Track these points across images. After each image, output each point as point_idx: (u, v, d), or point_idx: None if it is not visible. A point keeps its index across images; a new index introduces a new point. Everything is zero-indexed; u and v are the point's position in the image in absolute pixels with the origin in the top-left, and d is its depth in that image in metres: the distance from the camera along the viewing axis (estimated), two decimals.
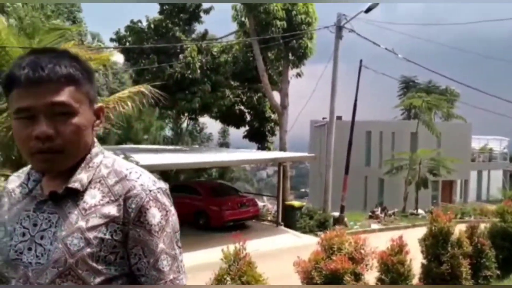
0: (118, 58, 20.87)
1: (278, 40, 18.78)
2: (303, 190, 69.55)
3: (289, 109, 20.69)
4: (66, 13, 23.69)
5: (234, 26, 19.94)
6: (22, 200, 1.46)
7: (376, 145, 37.38)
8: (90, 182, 1.42)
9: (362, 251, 7.46)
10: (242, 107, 23.82)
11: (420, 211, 24.54)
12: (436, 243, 9.86)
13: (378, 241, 9.02)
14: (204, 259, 11.50)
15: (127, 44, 18.42)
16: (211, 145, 41.68)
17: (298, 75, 20.39)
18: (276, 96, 20.30)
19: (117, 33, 18.46)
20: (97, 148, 1.50)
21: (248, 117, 23.79)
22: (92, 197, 1.40)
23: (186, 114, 23.53)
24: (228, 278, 6.67)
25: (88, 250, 1.34)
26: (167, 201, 1.49)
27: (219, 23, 22.73)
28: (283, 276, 8.78)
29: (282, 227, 18.31)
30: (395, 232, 19.60)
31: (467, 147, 38.23)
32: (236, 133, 27.40)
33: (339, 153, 20.45)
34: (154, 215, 1.42)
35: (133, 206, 1.39)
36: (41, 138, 1.30)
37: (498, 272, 11.55)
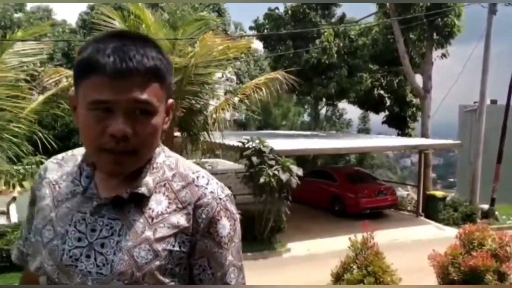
0: (258, 45, 21.48)
1: (421, 19, 17.59)
2: (451, 180, 65.02)
3: (433, 93, 19.39)
4: (212, 5, 25.00)
5: (373, 8, 19.22)
6: (72, 198, 1.32)
7: None
8: (155, 186, 1.31)
9: (508, 249, 6.68)
10: (382, 91, 22.90)
11: None
12: None
13: None
14: (339, 246, 11.32)
15: (265, 31, 18.85)
16: (350, 131, 41.13)
17: (444, 56, 18.89)
18: (419, 79, 19.11)
19: (255, 21, 18.97)
20: (159, 146, 1.36)
21: (388, 102, 22.79)
22: (158, 203, 1.29)
23: (324, 100, 23.36)
24: (354, 267, 6.49)
25: (157, 263, 1.24)
26: (234, 209, 1.37)
27: (358, 5, 22.01)
28: (416, 269, 8.30)
29: (423, 218, 17.31)
30: None
31: None
32: (377, 119, 26.53)
33: (492, 141, 18.58)
34: (225, 226, 1.32)
35: (204, 216, 1.29)
36: (117, 137, 1.18)
37: None
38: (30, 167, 10.47)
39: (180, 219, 1.28)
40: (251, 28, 19.74)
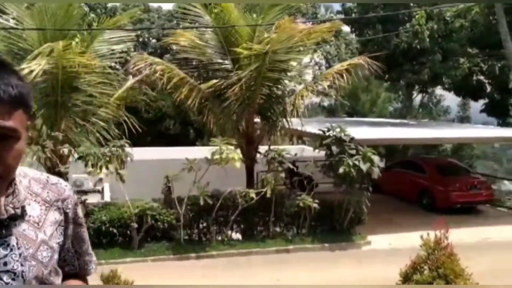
0: (346, 29, 20.74)
1: None
2: None
3: None
4: None
5: None
6: None
7: None
8: (25, 197, 1.43)
9: None
10: (481, 77, 21.13)
11: None
12: None
13: None
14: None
15: (353, 15, 18.09)
16: (448, 119, 38.77)
17: None
18: None
19: (343, 4, 18.30)
20: None
21: (488, 88, 21.00)
22: (33, 209, 1.44)
23: (417, 87, 22.11)
24: (425, 267, 6.02)
25: (55, 257, 1.46)
26: None
27: None
28: (504, 272, 7.52)
29: None
30: None
31: None
32: (478, 107, 24.66)
33: None
34: (80, 209, 1.59)
35: (70, 206, 1.53)
36: None
37: None
38: (115, 149, 11.01)
39: (56, 215, 1.49)
40: (338, 12, 19.11)
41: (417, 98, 39.15)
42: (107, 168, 10.89)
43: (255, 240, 12.17)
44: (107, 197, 15.17)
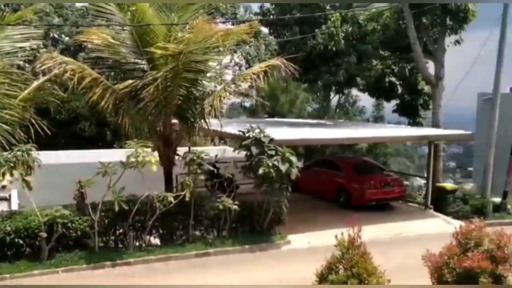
0: (266, 31, 20.89)
1: (434, 4, 16.86)
2: (471, 169, 63.83)
3: (452, 81, 18.74)
4: None
5: None
6: None
7: None
8: None
9: (506, 250, 6.21)
10: (393, 79, 22.18)
11: None
12: None
13: None
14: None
15: (271, 17, 18.27)
16: (364, 119, 40.40)
17: (457, 42, 18.13)
18: (432, 66, 18.43)
19: (261, 6, 18.42)
20: None
21: (399, 90, 22.09)
22: None
23: (334, 88, 22.75)
24: (340, 267, 6.10)
25: None
26: None
27: None
28: (412, 267, 7.81)
29: (431, 211, 16.76)
30: None
31: None
32: (391, 107, 25.82)
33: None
34: None
35: None
36: None
37: None
38: (20, 154, 10.26)
39: None
40: (256, 13, 19.19)
41: (335, 98, 40.55)
42: (11, 174, 10.13)
43: (175, 245, 11.88)
44: (15, 205, 14.15)
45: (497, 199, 17.16)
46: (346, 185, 16.77)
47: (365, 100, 36.80)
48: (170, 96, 11.93)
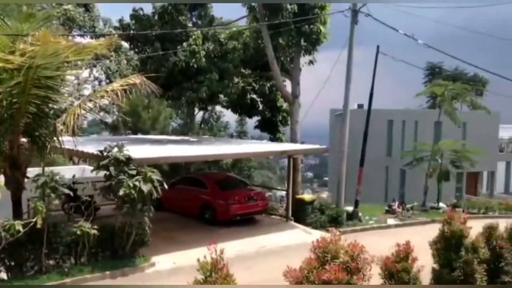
0: (125, 45, 20.21)
1: (290, 25, 17.82)
2: (326, 179, 68.57)
3: (307, 98, 19.85)
4: None
5: (244, 11, 19.09)
6: None
7: (398, 134, 36.15)
8: None
9: (359, 261, 6.61)
10: (254, 96, 22.96)
11: (441, 204, 23.40)
12: (448, 247, 8.94)
13: (393, 239, 8.25)
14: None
15: (131, 32, 17.72)
16: (228, 134, 41.18)
17: (311, 62, 19.39)
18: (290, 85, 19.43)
19: (120, 20, 17.74)
20: None
21: (260, 106, 22.92)
22: None
23: (197, 104, 22.76)
24: None
25: None
26: None
27: (229, 8, 21.76)
28: (274, 281, 7.99)
29: (292, 222, 17.52)
30: (412, 228, 18.71)
31: (495, 137, 36.62)
32: (253, 122, 26.62)
33: (360, 144, 19.33)
34: None
35: None
36: None
37: None
38: None
39: None
40: (115, 28, 18.46)
41: (200, 114, 40.77)
42: None
43: (24, 277, 10.73)
44: None
45: (351, 208, 18.55)
46: (211, 201, 16.79)
47: (229, 116, 37.59)
48: (17, 114, 10.83)
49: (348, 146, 19.15)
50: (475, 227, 9.78)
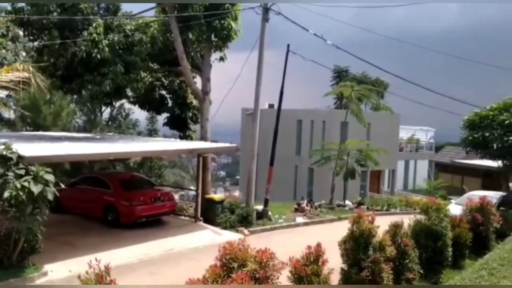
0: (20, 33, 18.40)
1: (200, 19, 17.20)
2: (238, 177, 68.83)
3: (219, 96, 19.38)
4: None
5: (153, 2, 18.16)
6: None
7: (307, 134, 36.87)
8: None
9: (268, 269, 6.21)
10: (164, 92, 22.02)
11: (347, 202, 24.07)
12: (357, 247, 8.88)
13: (302, 237, 8.01)
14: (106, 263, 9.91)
15: (26, 16, 16.04)
16: (137, 132, 39.68)
17: (221, 59, 18.90)
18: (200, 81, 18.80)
19: (13, 4, 16.03)
20: None
21: (170, 103, 22.02)
22: None
23: (102, 99, 21.36)
24: None
25: None
26: None
27: None
28: None
29: (201, 223, 16.95)
30: (320, 226, 18.95)
31: (395, 137, 38.61)
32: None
33: (271, 143, 19.14)
34: None
35: None
36: None
37: (422, 271, 10.90)
38: None
39: None
40: (8, 12, 16.69)
41: (108, 111, 38.79)
42: None
43: None
44: None
45: (261, 207, 18.35)
46: (114, 202, 15.74)
47: (140, 113, 36.12)
48: None
49: (259, 145, 18.96)
50: (379, 224, 9.87)
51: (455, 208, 17.74)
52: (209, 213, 17.14)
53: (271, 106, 36.53)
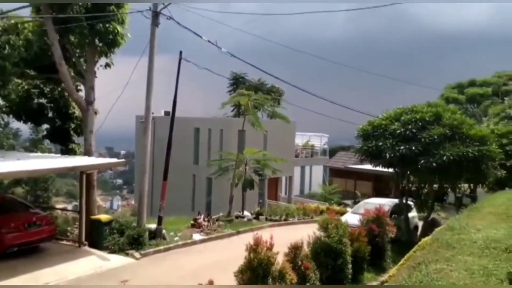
0: None
1: (81, 21, 15.51)
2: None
3: (110, 103, 17.64)
4: None
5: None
6: None
7: (205, 142, 35.93)
8: None
9: None
10: (43, 100, 19.75)
11: (246, 213, 23.52)
12: (255, 278, 8.08)
13: (198, 258, 7.00)
14: None
15: None
16: (19, 143, 36.03)
17: (108, 65, 17.27)
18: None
19: None
20: None
21: (50, 113, 19.80)
22: None
23: None
24: None
25: None
26: None
27: None
28: None
29: (86, 248, 15.26)
30: (218, 243, 18.04)
31: (292, 144, 39.03)
32: None
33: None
34: None
35: None
36: None
37: None
38: None
39: None
40: None
41: None
42: None
43: None
44: None
45: (154, 225, 17.01)
46: None
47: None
48: None
49: (156, 154, 17.66)
50: (279, 235, 9.22)
51: (352, 217, 17.84)
52: (96, 236, 15.51)
53: (167, 113, 35.05)
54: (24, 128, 36.20)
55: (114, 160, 16.12)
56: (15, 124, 35.91)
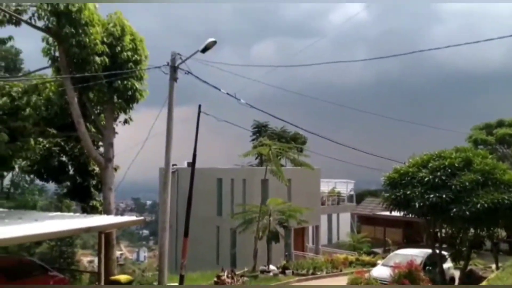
0: None
1: (100, 79, 15.59)
2: None
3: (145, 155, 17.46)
4: None
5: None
6: None
7: (228, 192, 35.42)
8: None
9: None
10: (65, 158, 19.78)
11: (271, 267, 22.64)
12: None
13: None
14: None
15: None
16: (44, 198, 36.25)
17: (126, 121, 17.26)
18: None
19: None
20: None
21: (71, 170, 19.79)
22: None
23: None
24: None
25: None
26: None
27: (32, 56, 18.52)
28: None
29: None
30: None
31: (317, 192, 38.16)
32: None
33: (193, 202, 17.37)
34: None
35: None
36: None
37: None
38: None
39: None
40: None
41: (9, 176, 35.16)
42: None
43: None
44: None
45: (176, 284, 16.36)
46: None
47: None
48: None
49: (180, 206, 17.14)
50: None
51: (382, 271, 16.85)
52: None
53: (190, 164, 34.90)
54: (49, 183, 36.59)
55: (132, 218, 15.71)
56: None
